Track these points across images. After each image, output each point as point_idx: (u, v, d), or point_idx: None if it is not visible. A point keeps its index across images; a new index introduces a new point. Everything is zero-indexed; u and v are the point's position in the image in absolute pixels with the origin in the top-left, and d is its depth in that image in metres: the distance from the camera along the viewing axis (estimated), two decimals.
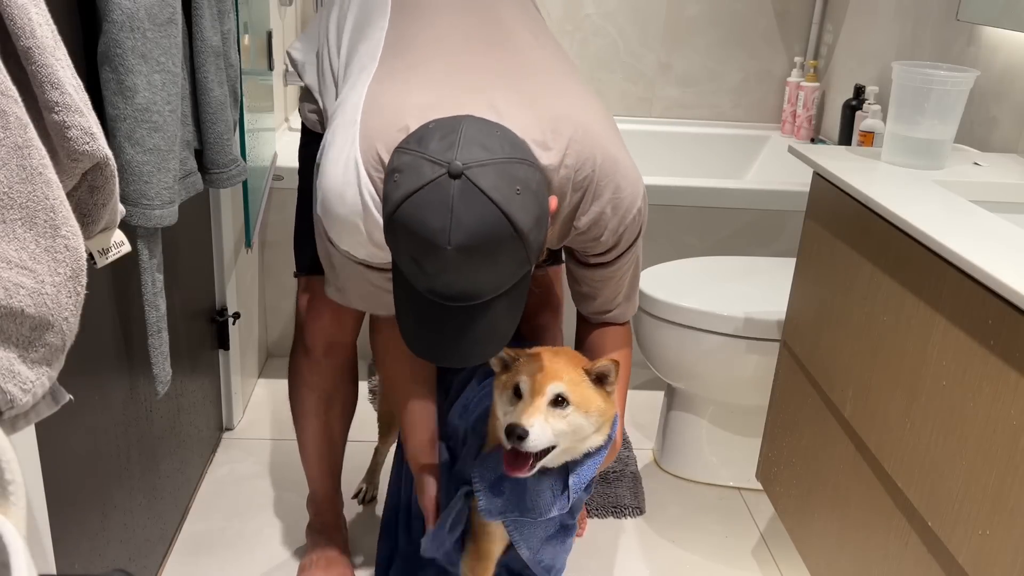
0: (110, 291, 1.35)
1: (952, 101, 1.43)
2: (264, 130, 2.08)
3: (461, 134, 1.06)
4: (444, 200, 1.02)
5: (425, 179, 1.03)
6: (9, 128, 0.71)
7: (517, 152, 1.08)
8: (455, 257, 1.03)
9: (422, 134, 1.09)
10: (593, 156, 1.22)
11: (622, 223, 1.28)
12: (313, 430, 1.62)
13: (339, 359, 1.57)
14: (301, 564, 1.70)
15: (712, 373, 1.92)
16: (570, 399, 1.21)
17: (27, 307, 0.73)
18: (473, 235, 1.02)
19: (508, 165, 1.05)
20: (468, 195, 1.02)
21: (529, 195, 1.06)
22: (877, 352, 1.30)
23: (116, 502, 1.43)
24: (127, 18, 1.16)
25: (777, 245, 2.40)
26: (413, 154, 1.06)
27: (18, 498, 0.70)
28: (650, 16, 2.87)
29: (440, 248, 1.03)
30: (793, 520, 1.60)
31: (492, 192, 1.02)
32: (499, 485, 1.30)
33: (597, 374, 1.25)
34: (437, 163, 1.03)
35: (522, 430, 1.16)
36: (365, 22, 1.38)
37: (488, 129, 1.08)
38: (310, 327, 1.51)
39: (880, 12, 2.44)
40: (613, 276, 1.37)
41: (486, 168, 1.03)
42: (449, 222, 1.02)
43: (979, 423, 1.06)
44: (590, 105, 1.29)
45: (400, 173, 1.06)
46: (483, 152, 1.04)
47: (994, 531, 1.03)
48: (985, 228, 1.19)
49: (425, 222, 1.03)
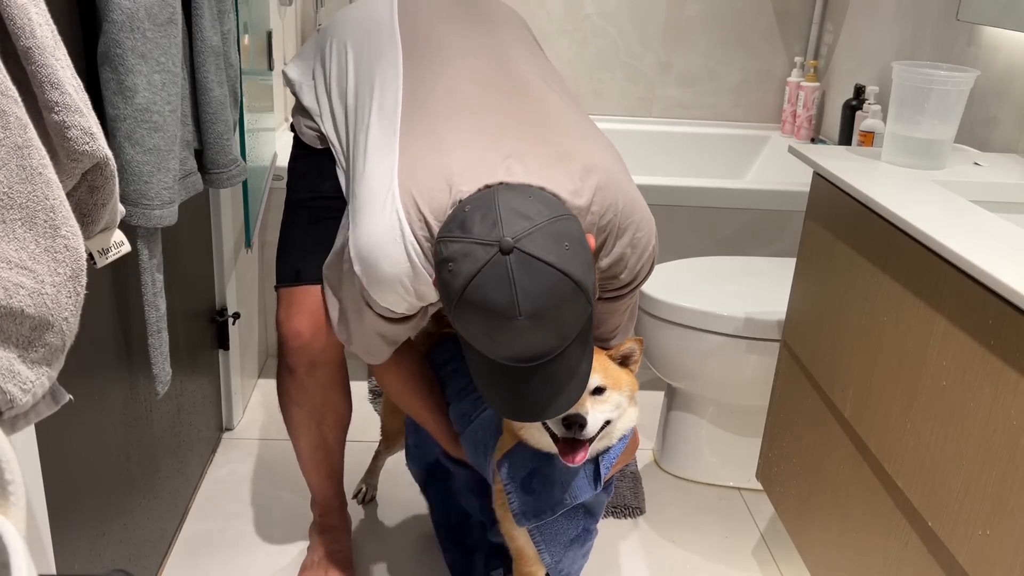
0: (110, 291, 1.35)
1: (952, 101, 1.43)
2: (264, 130, 2.08)
3: (499, 209, 1.10)
4: (504, 276, 1.07)
5: (481, 262, 1.08)
6: (9, 128, 0.71)
7: (554, 210, 1.12)
8: (527, 325, 1.09)
9: (462, 219, 1.13)
10: (616, 200, 1.27)
11: (639, 261, 1.33)
12: (307, 443, 1.60)
13: (324, 377, 1.50)
14: (303, 563, 1.71)
15: (712, 373, 1.92)
16: (606, 385, 1.29)
17: (27, 307, 0.73)
18: (540, 300, 1.08)
19: (551, 225, 1.10)
20: (525, 265, 1.07)
21: (576, 246, 1.11)
22: (877, 352, 1.30)
23: (116, 502, 1.43)
24: (127, 18, 1.16)
25: (777, 245, 2.40)
26: (462, 241, 1.10)
27: (18, 498, 0.70)
28: (650, 16, 2.87)
29: (511, 320, 1.08)
30: (793, 520, 1.60)
31: (546, 256, 1.08)
32: (529, 483, 1.33)
33: (622, 357, 1.34)
34: (487, 244, 1.08)
35: (581, 419, 1.23)
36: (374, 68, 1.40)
37: (521, 196, 1.13)
38: (290, 346, 1.45)
39: (880, 12, 2.44)
40: (618, 309, 1.41)
41: (533, 235, 1.08)
42: (515, 295, 1.07)
43: (979, 423, 1.06)
44: (606, 147, 1.34)
45: (454, 262, 1.11)
46: (525, 221, 1.09)
47: (994, 531, 1.03)
48: (985, 228, 1.19)
49: (492, 300, 1.08)
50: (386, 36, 1.43)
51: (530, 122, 1.30)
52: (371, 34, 1.44)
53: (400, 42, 1.41)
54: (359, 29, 1.46)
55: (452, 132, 1.27)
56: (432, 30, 1.43)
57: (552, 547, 1.41)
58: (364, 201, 1.26)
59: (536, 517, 1.35)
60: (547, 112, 1.33)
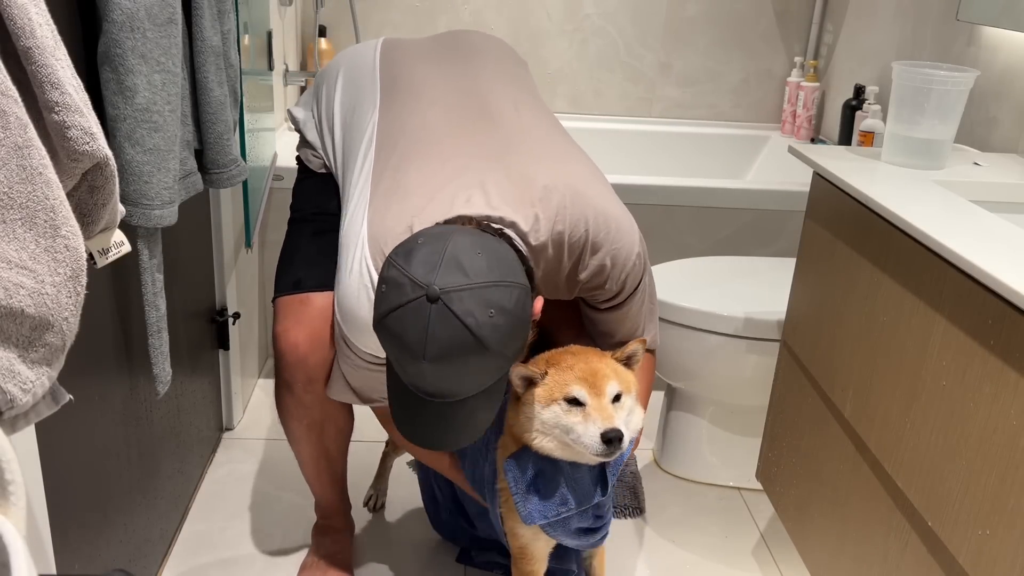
0: (110, 291, 1.35)
1: (952, 101, 1.43)
2: (264, 130, 2.08)
3: (444, 255, 1.13)
4: (420, 320, 1.11)
5: (405, 298, 1.12)
6: (9, 128, 0.71)
7: (495, 274, 1.14)
8: (430, 368, 1.12)
9: (411, 248, 1.16)
10: (584, 217, 1.30)
11: (623, 271, 1.35)
12: (308, 454, 1.59)
13: (321, 391, 1.47)
14: (303, 563, 1.71)
15: (712, 373, 1.92)
16: (622, 391, 1.28)
17: (27, 307, 0.73)
18: (447, 352, 1.11)
19: (484, 290, 1.12)
20: (443, 318, 1.10)
21: (504, 316, 1.13)
22: (877, 352, 1.30)
23: (116, 502, 1.43)
24: (127, 18, 1.16)
25: (777, 245, 2.40)
26: (399, 270, 1.14)
27: (18, 498, 0.70)
28: (650, 16, 2.87)
29: (417, 359, 1.12)
30: (793, 520, 1.60)
31: (465, 317, 1.10)
32: (534, 484, 1.34)
33: (626, 357, 1.33)
34: (418, 284, 1.11)
35: (619, 433, 1.23)
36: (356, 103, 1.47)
37: (471, 250, 1.14)
38: (287, 361, 1.43)
39: (880, 12, 2.44)
40: (627, 315, 1.43)
41: (461, 294, 1.11)
42: (424, 339, 1.11)
43: (979, 423, 1.06)
44: (575, 166, 1.36)
45: (387, 285, 1.14)
46: (462, 277, 1.11)
47: (994, 531, 1.03)
48: (985, 228, 1.19)
49: (404, 336, 1.12)
50: (367, 79, 1.50)
51: (496, 152, 1.34)
52: (355, 78, 1.52)
53: (379, 84, 1.48)
54: (347, 73, 1.54)
55: (416, 172, 1.32)
56: (410, 71, 1.50)
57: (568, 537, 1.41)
58: (342, 255, 1.33)
59: (543, 516, 1.35)
60: (514, 139, 1.36)
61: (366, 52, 1.56)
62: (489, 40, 1.64)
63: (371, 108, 1.44)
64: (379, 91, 1.46)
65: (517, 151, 1.34)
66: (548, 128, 1.43)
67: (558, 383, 1.26)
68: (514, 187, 1.28)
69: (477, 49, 1.58)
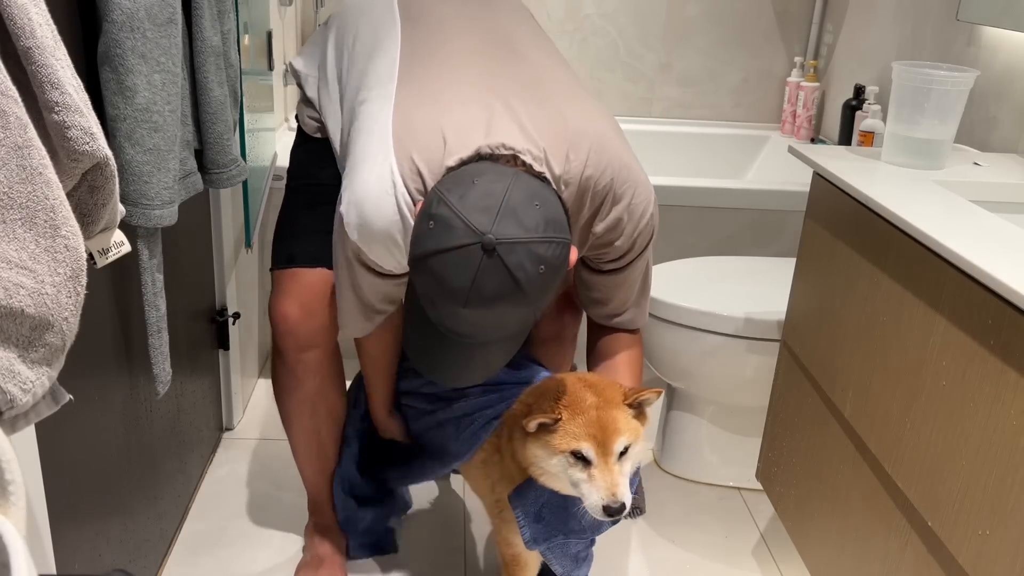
0: (110, 291, 1.35)
1: (952, 101, 1.43)
2: (264, 130, 2.08)
3: (503, 203, 1.10)
4: (470, 268, 1.08)
5: (458, 242, 1.08)
6: (9, 128, 0.71)
7: (550, 229, 1.12)
8: (468, 314, 1.11)
9: (467, 190, 1.11)
10: (611, 164, 1.28)
11: (636, 227, 1.33)
12: (300, 434, 1.60)
13: (314, 361, 1.49)
14: (299, 563, 1.71)
15: (712, 373, 1.92)
16: (631, 442, 1.26)
17: (27, 307, 0.73)
18: (490, 302, 1.09)
19: (539, 245, 1.10)
20: (494, 270, 1.08)
21: (551, 272, 1.11)
22: (877, 352, 1.30)
23: (116, 502, 1.43)
24: (127, 18, 1.16)
25: (777, 245, 2.40)
26: (452, 210, 1.10)
27: (18, 498, 0.70)
28: (650, 16, 2.87)
29: (457, 304, 1.10)
30: (793, 520, 1.60)
31: (517, 271, 1.08)
32: (539, 513, 1.33)
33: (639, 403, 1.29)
34: (473, 230, 1.08)
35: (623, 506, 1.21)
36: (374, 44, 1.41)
37: (529, 200, 1.12)
38: (279, 329, 1.46)
39: (880, 12, 2.44)
40: (624, 281, 1.41)
41: (517, 247, 1.08)
42: (470, 287, 1.08)
43: (979, 423, 1.06)
44: (602, 115, 1.34)
45: (436, 223, 1.10)
46: (518, 229, 1.09)
47: (994, 531, 1.03)
48: (985, 228, 1.19)
49: (448, 280, 1.09)
50: (386, 17, 1.44)
51: (527, 84, 1.30)
52: (371, 18, 1.46)
53: (399, 20, 1.42)
54: (361, 16, 1.48)
55: (448, 89, 1.27)
56: (431, 10, 1.44)
57: (562, 560, 1.42)
58: (359, 154, 1.26)
59: (546, 541, 1.35)
60: (544, 78, 1.34)
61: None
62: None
63: (392, 46, 1.38)
64: (399, 29, 1.41)
65: (548, 91, 1.31)
66: (572, 76, 1.42)
67: (568, 434, 1.24)
68: (548, 122, 1.25)
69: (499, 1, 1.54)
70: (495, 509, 1.43)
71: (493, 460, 1.42)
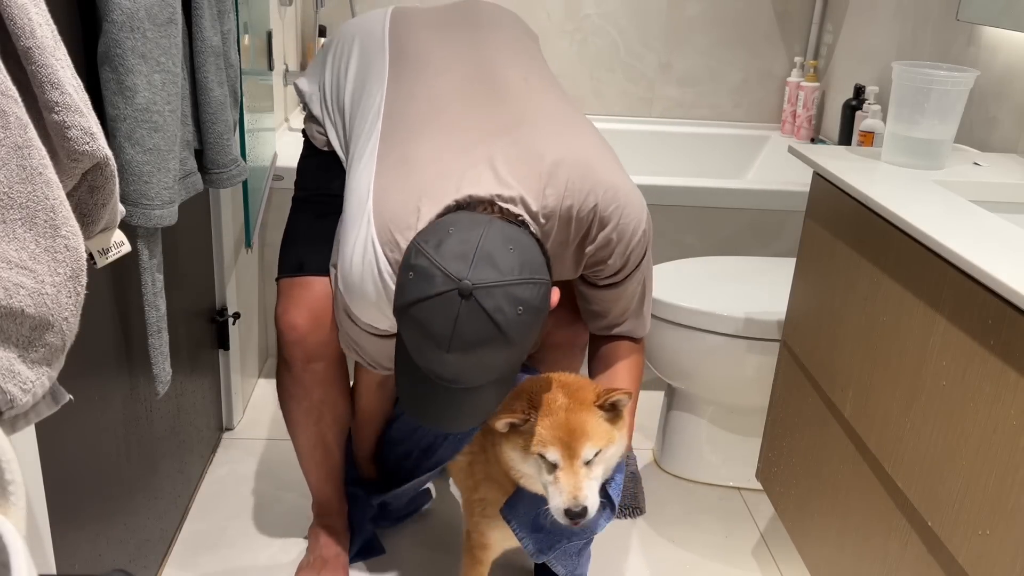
0: (110, 291, 1.35)
1: (952, 101, 1.43)
2: (264, 130, 2.08)
3: (477, 249, 1.12)
4: (450, 314, 1.11)
5: (436, 290, 1.11)
6: (9, 128, 0.71)
7: (526, 271, 1.14)
8: (452, 359, 1.13)
9: (442, 239, 1.15)
10: (594, 190, 1.29)
11: (628, 246, 1.34)
12: (305, 440, 1.60)
13: (321, 372, 1.50)
14: (300, 563, 1.71)
15: (712, 373, 1.92)
16: (600, 447, 1.25)
17: (27, 307, 0.73)
18: (472, 347, 1.12)
19: (515, 287, 1.12)
20: (473, 315, 1.10)
21: (530, 313, 1.14)
22: (877, 352, 1.30)
23: (116, 502, 1.43)
24: (127, 18, 1.16)
25: (777, 245, 2.40)
26: (429, 260, 1.13)
27: (18, 498, 0.70)
28: (650, 16, 2.87)
29: (440, 351, 1.12)
30: (793, 520, 1.60)
31: (495, 314, 1.11)
32: (537, 521, 1.33)
33: (611, 404, 1.29)
34: (450, 278, 1.11)
35: (583, 510, 1.21)
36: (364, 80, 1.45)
37: (503, 245, 1.14)
38: (287, 339, 1.47)
39: (880, 12, 2.44)
40: (622, 295, 1.42)
41: (494, 291, 1.11)
42: (451, 332, 1.11)
43: (979, 423, 1.06)
44: (584, 139, 1.35)
45: (415, 274, 1.14)
46: (494, 273, 1.11)
47: (994, 531, 1.03)
48: (985, 228, 1.19)
49: (430, 327, 1.12)
50: (376, 48, 1.48)
51: (505, 125, 1.32)
52: (364, 47, 1.50)
53: (388, 53, 1.46)
54: (355, 42, 1.51)
55: (424, 145, 1.30)
56: (419, 40, 1.48)
57: (564, 560, 1.42)
58: (346, 225, 1.32)
59: (551, 549, 1.35)
60: (524, 113, 1.35)
61: (375, 22, 1.54)
62: (501, 11, 1.62)
63: (379, 79, 1.43)
64: (388, 61, 1.45)
65: (526, 124, 1.33)
66: (557, 101, 1.42)
67: (536, 436, 1.24)
68: (523, 162, 1.27)
69: (488, 19, 1.56)
70: (477, 507, 1.43)
71: (479, 460, 1.42)
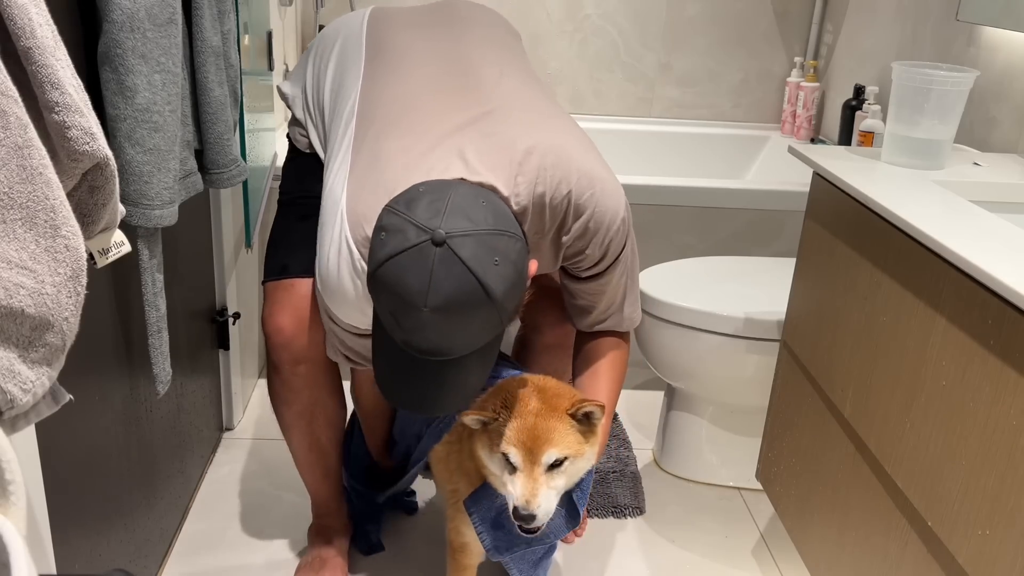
0: (110, 291, 1.35)
1: (952, 101, 1.43)
2: (264, 130, 2.08)
3: (448, 202, 1.12)
4: (425, 265, 1.08)
5: (409, 243, 1.09)
6: (9, 128, 0.71)
7: (500, 224, 1.13)
8: (431, 318, 1.09)
9: (412, 196, 1.14)
10: (567, 177, 1.27)
11: (606, 235, 1.32)
12: (300, 444, 1.60)
13: (309, 375, 1.49)
14: (299, 564, 1.71)
15: (712, 373, 1.92)
16: (566, 455, 1.23)
17: (27, 307, 0.73)
18: (449, 300, 1.09)
19: (489, 236, 1.11)
20: (448, 263, 1.08)
21: (507, 265, 1.12)
22: (877, 352, 1.30)
23: (116, 502, 1.43)
24: (127, 18, 1.16)
25: (777, 245, 2.40)
26: (401, 216, 1.12)
27: (18, 498, 0.70)
28: (650, 16, 2.87)
29: (417, 308, 1.09)
30: (793, 520, 1.60)
31: (471, 262, 1.08)
32: (499, 519, 1.32)
33: (584, 415, 1.26)
34: (422, 229, 1.09)
35: (530, 517, 1.19)
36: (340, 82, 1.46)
37: (474, 199, 1.14)
38: (273, 342, 1.46)
39: (880, 12, 2.44)
40: (606, 287, 1.40)
41: (467, 239, 1.09)
42: (428, 286, 1.08)
43: (979, 423, 1.06)
44: (558, 129, 1.33)
45: (387, 233, 1.12)
46: (467, 222, 1.10)
47: (994, 531, 1.03)
48: (985, 228, 1.19)
49: (405, 283, 1.09)
50: (353, 50, 1.48)
51: (477, 117, 1.31)
52: (343, 47, 1.50)
53: (364, 53, 1.46)
54: (336, 43, 1.52)
55: (395, 143, 1.30)
56: (395, 38, 1.48)
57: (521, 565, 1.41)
58: (322, 229, 1.32)
59: (508, 551, 1.34)
60: (498, 105, 1.34)
61: (353, 22, 1.55)
62: (481, 9, 1.61)
63: (355, 79, 1.43)
64: (363, 60, 1.45)
65: (499, 117, 1.31)
66: (533, 94, 1.41)
67: (501, 436, 1.23)
68: (494, 151, 1.26)
69: (466, 16, 1.56)
70: (451, 499, 1.43)
71: (454, 450, 1.42)
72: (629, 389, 2.49)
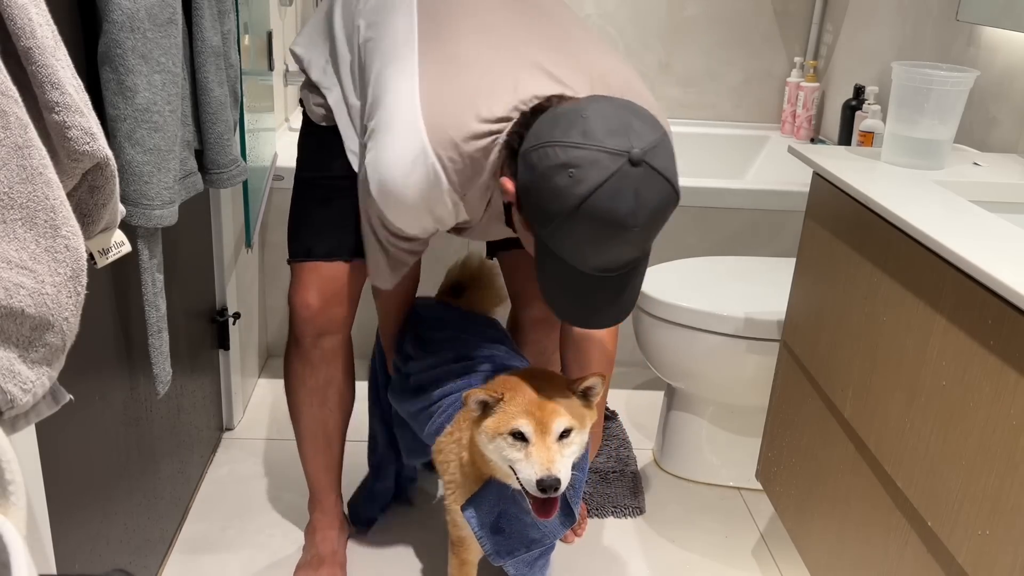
0: (110, 291, 1.35)
1: (952, 101, 1.43)
2: (264, 130, 2.08)
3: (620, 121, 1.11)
4: (630, 188, 1.09)
5: (608, 172, 1.09)
6: (9, 128, 0.71)
7: (659, 127, 1.14)
8: (639, 234, 1.12)
9: (583, 127, 1.11)
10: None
11: None
12: (308, 426, 1.62)
13: (329, 348, 1.55)
14: (298, 563, 1.71)
15: (712, 373, 1.92)
16: (573, 426, 1.25)
17: (27, 307, 0.73)
18: (655, 212, 1.11)
19: (663, 139, 1.12)
20: (648, 179, 1.09)
21: (675, 159, 1.15)
22: (877, 352, 1.30)
23: (116, 502, 1.43)
24: (127, 18, 1.16)
25: (777, 245, 2.40)
26: (587, 149, 1.10)
27: (18, 498, 0.70)
28: (650, 16, 2.87)
29: (627, 230, 1.10)
30: (793, 520, 1.60)
31: (666, 172, 1.11)
32: (497, 524, 1.32)
33: (583, 390, 1.29)
34: (616, 154, 1.09)
35: (556, 481, 1.19)
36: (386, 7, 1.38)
37: (632, 109, 1.14)
38: (299, 316, 1.52)
39: (880, 12, 2.44)
40: None
41: (657, 150, 1.11)
42: (636, 206, 1.09)
43: (979, 423, 1.06)
44: (625, 65, 1.37)
45: (577, 168, 1.10)
46: (651, 135, 1.11)
47: (994, 531, 1.03)
48: (985, 228, 1.19)
49: (615, 210, 1.09)
50: None
51: (551, 37, 1.32)
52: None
53: None
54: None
55: (471, 51, 1.27)
56: None
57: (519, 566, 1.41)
58: (385, 127, 1.26)
59: (510, 555, 1.34)
60: (565, 29, 1.35)
61: None
62: None
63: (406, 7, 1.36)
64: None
65: (570, 40, 1.33)
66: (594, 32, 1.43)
67: (506, 415, 1.23)
68: (575, 70, 1.27)
69: None
70: (449, 490, 1.43)
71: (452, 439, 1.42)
72: (629, 389, 2.49)
